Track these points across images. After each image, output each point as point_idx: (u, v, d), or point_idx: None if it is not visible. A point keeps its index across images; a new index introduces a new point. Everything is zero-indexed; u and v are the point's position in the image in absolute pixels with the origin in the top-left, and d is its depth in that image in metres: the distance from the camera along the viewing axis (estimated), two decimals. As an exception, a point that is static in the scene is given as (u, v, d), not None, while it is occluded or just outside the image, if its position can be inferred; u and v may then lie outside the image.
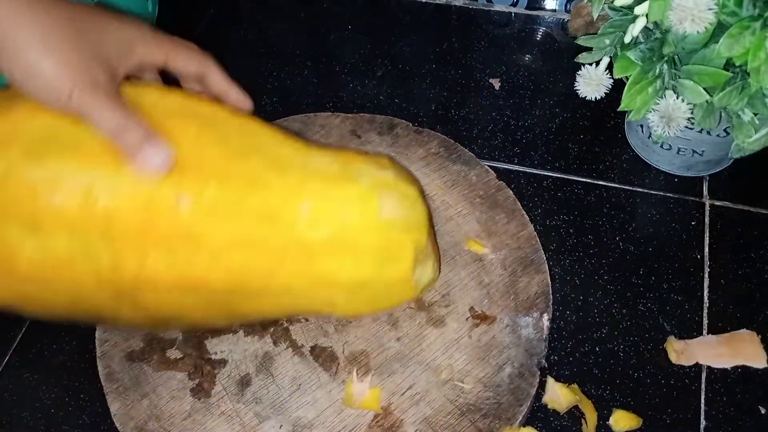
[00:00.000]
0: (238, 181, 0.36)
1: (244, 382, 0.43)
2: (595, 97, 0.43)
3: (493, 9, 0.68)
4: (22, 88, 0.35)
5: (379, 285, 0.40)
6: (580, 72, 0.43)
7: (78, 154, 0.35)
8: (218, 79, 0.42)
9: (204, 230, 0.36)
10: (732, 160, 0.53)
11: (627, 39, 0.41)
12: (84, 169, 0.35)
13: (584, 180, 0.55)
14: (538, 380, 0.43)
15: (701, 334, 0.46)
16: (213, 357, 0.45)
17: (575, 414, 0.43)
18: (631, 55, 0.41)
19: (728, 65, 0.39)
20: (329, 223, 0.37)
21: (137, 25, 0.38)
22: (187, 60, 0.40)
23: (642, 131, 0.54)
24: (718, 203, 0.52)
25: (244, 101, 0.42)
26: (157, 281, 0.36)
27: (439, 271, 0.46)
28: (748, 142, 0.41)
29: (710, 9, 0.35)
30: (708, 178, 0.54)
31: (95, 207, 0.34)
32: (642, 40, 0.41)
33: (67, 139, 0.35)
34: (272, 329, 0.46)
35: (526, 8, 0.68)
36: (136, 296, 0.37)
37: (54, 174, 0.34)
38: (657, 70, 0.41)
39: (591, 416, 0.43)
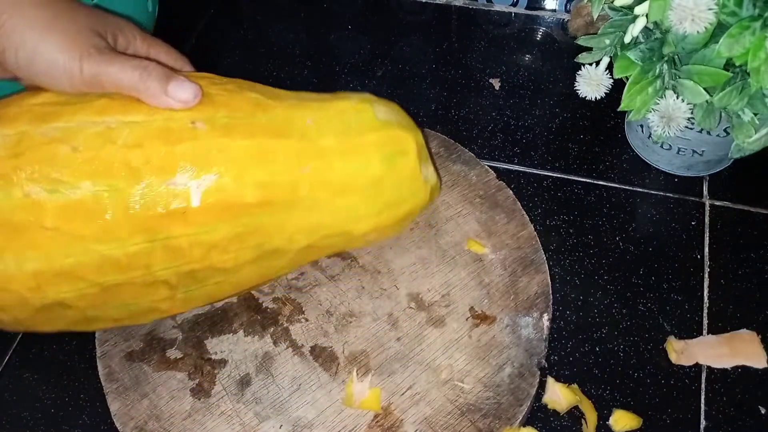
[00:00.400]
0: (245, 107, 0.39)
1: (244, 382, 0.44)
2: (595, 97, 0.43)
3: (493, 9, 0.68)
4: (31, 74, 0.36)
5: (392, 182, 0.43)
6: (580, 72, 0.43)
7: (88, 108, 0.36)
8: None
9: (222, 146, 0.37)
10: (732, 160, 0.53)
11: (627, 39, 0.41)
12: (96, 118, 0.36)
13: (584, 180, 0.55)
14: (538, 380, 0.43)
15: (701, 334, 0.46)
16: (213, 357, 0.45)
17: (575, 414, 0.43)
18: (631, 55, 0.41)
19: (728, 65, 0.39)
20: (334, 129, 0.41)
21: (124, 18, 0.40)
22: (166, 55, 0.42)
23: (642, 131, 0.54)
24: (718, 203, 0.52)
25: None
26: (186, 210, 0.36)
27: (441, 184, 0.50)
28: (748, 142, 0.41)
29: (710, 9, 0.35)
30: (708, 178, 0.54)
31: (114, 146, 0.35)
32: (642, 40, 0.41)
33: (73, 100, 0.37)
34: (272, 329, 0.46)
35: (526, 8, 0.68)
36: (168, 234, 0.37)
37: (69, 129, 0.36)
38: (657, 70, 0.41)
39: (591, 416, 0.43)
